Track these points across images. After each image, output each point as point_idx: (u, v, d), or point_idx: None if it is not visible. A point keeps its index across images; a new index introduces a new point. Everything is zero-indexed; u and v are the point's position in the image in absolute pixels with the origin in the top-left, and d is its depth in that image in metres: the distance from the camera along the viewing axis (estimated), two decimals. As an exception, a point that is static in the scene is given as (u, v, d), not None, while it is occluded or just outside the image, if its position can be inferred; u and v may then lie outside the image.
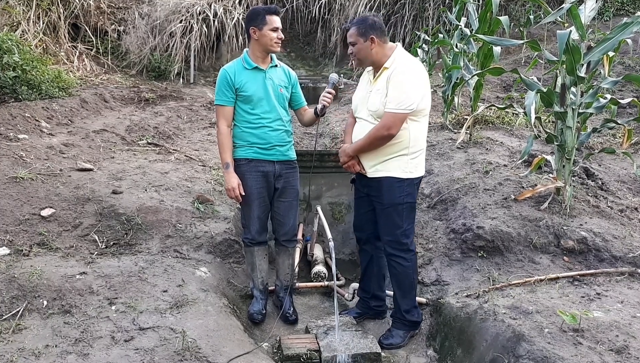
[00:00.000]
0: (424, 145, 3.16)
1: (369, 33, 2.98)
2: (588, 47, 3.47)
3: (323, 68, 10.33)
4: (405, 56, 3.04)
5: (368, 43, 2.99)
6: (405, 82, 2.90)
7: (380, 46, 3.01)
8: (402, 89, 2.90)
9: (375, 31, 3.00)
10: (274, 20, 3.15)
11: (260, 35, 3.15)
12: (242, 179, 3.30)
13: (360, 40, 3.01)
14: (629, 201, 4.09)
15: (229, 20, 9.36)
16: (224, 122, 3.25)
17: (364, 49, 3.01)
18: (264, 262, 3.50)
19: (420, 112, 2.99)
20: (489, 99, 6.83)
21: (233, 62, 3.29)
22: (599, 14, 9.19)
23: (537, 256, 3.45)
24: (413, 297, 3.30)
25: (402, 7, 9.81)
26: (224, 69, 3.24)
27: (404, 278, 3.22)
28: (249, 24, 3.18)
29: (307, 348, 3.07)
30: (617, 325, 2.64)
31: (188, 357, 2.54)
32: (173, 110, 6.77)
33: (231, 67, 3.24)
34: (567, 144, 3.65)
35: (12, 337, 2.57)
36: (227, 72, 3.21)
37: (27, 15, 7.91)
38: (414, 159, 3.07)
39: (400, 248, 3.16)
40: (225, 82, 3.20)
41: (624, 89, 6.75)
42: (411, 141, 3.02)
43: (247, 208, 3.37)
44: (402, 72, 2.92)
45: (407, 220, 3.15)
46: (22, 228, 3.43)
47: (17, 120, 4.98)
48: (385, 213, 3.15)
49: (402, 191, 3.07)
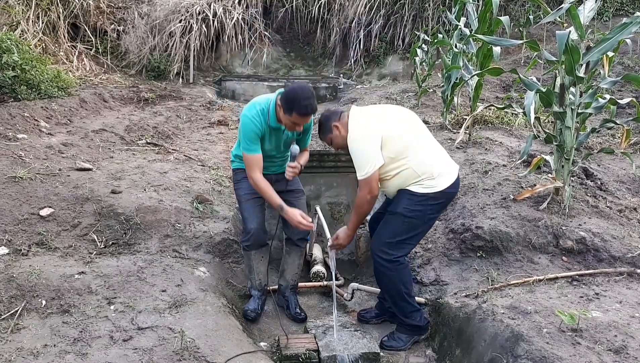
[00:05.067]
0: (436, 161, 3.06)
1: (329, 125, 3.16)
2: (587, 48, 3.47)
3: (323, 68, 10.32)
4: (352, 120, 3.07)
5: (337, 133, 3.14)
6: (355, 150, 3.01)
7: (343, 127, 3.11)
8: (357, 156, 3.00)
9: (331, 120, 3.17)
10: (300, 120, 3.09)
11: (283, 117, 3.12)
12: (238, 182, 3.36)
13: (330, 136, 3.19)
14: (628, 201, 4.09)
15: (229, 20, 9.35)
16: (258, 170, 3.20)
17: (337, 138, 3.17)
18: (261, 265, 3.50)
19: (393, 158, 2.98)
20: (488, 99, 6.83)
21: (258, 111, 3.16)
22: (598, 14, 9.18)
23: (536, 256, 3.45)
24: (406, 304, 3.22)
25: (401, 7, 9.79)
26: (251, 120, 3.13)
27: (390, 285, 3.19)
28: (283, 100, 3.07)
29: (306, 348, 3.07)
30: (616, 325, 2.64)
31: (187, 357, 2.54)
32: (172, 110, 6.77)
33: (258, 120, 3.14)
34: (566, 144, 3.65)
35: (11, 337, 2.57)
36: (255, 124, 3.13)
37: (26, 14, 7.90)
38: (432, 180, 3.01)
39: (384, 257, 3.10)
40: (255, 134, 3.15)
41: (623, 89, 6.75)
42: (417, 171, 3.00)
43: (243, 207, 3.39)
44: (351, 141, 3.02)
45: (406, 234, 3.08)
46: (20, 228, 3.43)
47: (16, 120, 4.97)
48: (388, 218, 3.14)
49: (412, 204, 3.02)
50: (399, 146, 2.98)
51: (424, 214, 3.05)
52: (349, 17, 9.99)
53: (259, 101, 3.22)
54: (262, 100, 3.23)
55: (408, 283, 3.21)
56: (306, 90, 3.03)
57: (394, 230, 3.09)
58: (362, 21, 9.89)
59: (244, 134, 3.17)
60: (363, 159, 2.97)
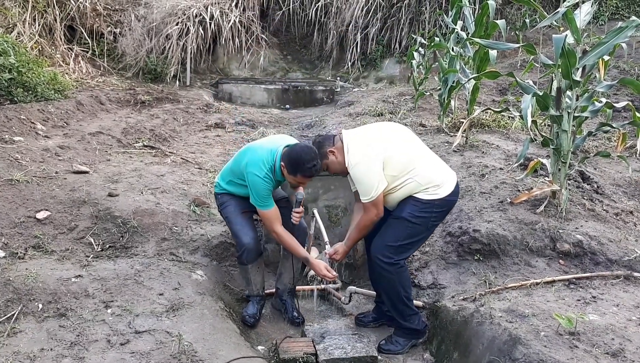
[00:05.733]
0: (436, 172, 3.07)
1: (324, 151, 3.11)
2: (583, 51, 3.49)
3: (320, 71, 10.34)
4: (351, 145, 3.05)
5: (332, 158, 3.11)
6: (359, 175, 3.00)
7: (339, 151, 3.08)
8: (361, 181, 3.00)
9: (325, 145, 3.12)
10: (305, 180, 3.18)
11: (287, 176, 3.17)
12: (223, 204, 3.42)
13: (326, 162, 3.13)
14: (624, 204, 4.10)
15: (226, 22, 9.36)
16: (278, 223, 3.26)
17: (333, 164, 3.13)
18: (258, 276, 3.50)
19: (396, 175, 2.99)
20: (485, 102, 6.85)
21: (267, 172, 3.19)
22: (594, 18, 9.24)
23: (533, 260, 3.46)
24: (404, 307, 3.22)
25: (398, 10, 9.82)
26: (263, 179, 3.17)
27: (389, 288, 3.19)
28: (287, 162, 3.12)
29: (304, 351, 3.06)
30: (613, 328, 2.65)
31: (184, 361, 2.53)
32: (169, 112, 6.76)
33: (268, 179, 3.19)
34: (562, 148, 3.66)
35: (7, 341, 2.56)
36: (267, 183, 3.18)
37: (22, 17, 7.89)
38: (436, 188, 3.03)
39: (384, 260, 3.09)
40: (268, 191, 3.21)
41: (619, 93, 6.78)
42: (421, 183, 3.01)
43: (233, 222, 3.38)
44: (352, 167, 3.01)
45: (409, 239, 3.09)
46: (17, 231, 3.42)
47: (12, 122, 4.96)
48: (391, 222, 3.13)
49: (417, 210, 3.03)
50: (401, 164, 3.00)
51: (427, 221, 3.08)
52: (345, 20, 10.01)
53: (263, 159, 3.20)
54: (265, 155, 3.21)
55: (407, 286, 3.21)
56: (309, 152, 3.09)
57: (397, 234, 3.09)
58: (359, 24, 9.92)
59: (257, 193, 3.20)
60: (367, 183, 2.97)
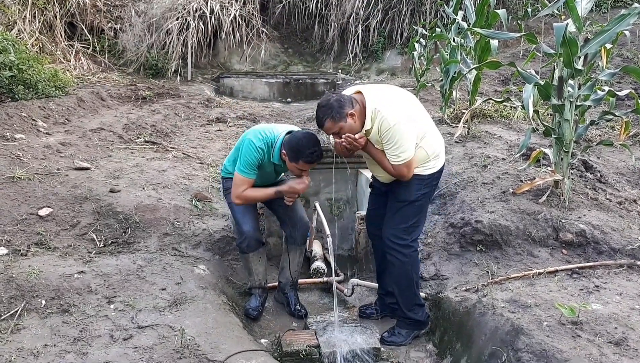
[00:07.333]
0: (437, 141, 3.11)
1: (344, 113, 2.84)
2: (585, 40, 3.45)
3: (321, 64, 10.30)
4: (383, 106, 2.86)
5: (350, 121, 2.85)
6: (396, 136, 2.83)
7: (359, 116, 2.88)
8: (397, 143, 2.84)
9: (345, 106, 2.84)
10: (307, 167, 3.15)
11: (289, 164, 3.15)
12: (228, 189, 3.38)
13: (341, 125, 2.86)
14: (628, 193, 4.08)
15: (226, 17, 9.33)
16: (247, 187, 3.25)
17: (349, 127, 2.86)
18: (259, 266, 3.50)
19: (422, 138, 2.97)
20: (486, 92, 6.81)
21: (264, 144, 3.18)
22: (597, 6, 9.16)
23: (536, 250, 3.45)
24: (413, 295, 3.24)
25: (399, 1, 9.77)
26: (256, 148, 3.15)
27: (401, 274, 3.19)
28: (288, 149, 3.09)
29: (307, 344, 3.08)
30: (616, 317, 2.64)
31: (187, 355, 2.54)
32: (170, 108, 6.75)
33: (262, 151, 3.18)
34: (565, 137, 3.64)
35: (11, 337, 2.57)
36: (259, 154, 3.17)
37: (23, 14, 7.88)
38: (436, 160, 3.07)
39: (399, 243, 3.11)
40: (256, 162, 3.19)
41: (622, 81, 6.74)
42: (428, 152, 3.02)
43: (235, 210, 3.40)
44: (390, 128, 2.82)
45: (416, 216, 3.12)
46: (19, 228, 3.43)
47: (13, 120, 4.96)
48: (397, 207, 3.13)
49: (421, 188, 3.05)
50: (419, 129, 2.98)
51: (429, 194, 3.16)
52: (346, 12, 9.97)
53: (266, 132, 3.21)
54: (269, 131, 3.22)
55: (418, 273, 3.26)
56: (311, 139, 3.07)
57: (407, 215, 3.10)
58: (360, 16, 9.87)
59: (245, 158, 3.18)
60: (404, 145, 2.86)
